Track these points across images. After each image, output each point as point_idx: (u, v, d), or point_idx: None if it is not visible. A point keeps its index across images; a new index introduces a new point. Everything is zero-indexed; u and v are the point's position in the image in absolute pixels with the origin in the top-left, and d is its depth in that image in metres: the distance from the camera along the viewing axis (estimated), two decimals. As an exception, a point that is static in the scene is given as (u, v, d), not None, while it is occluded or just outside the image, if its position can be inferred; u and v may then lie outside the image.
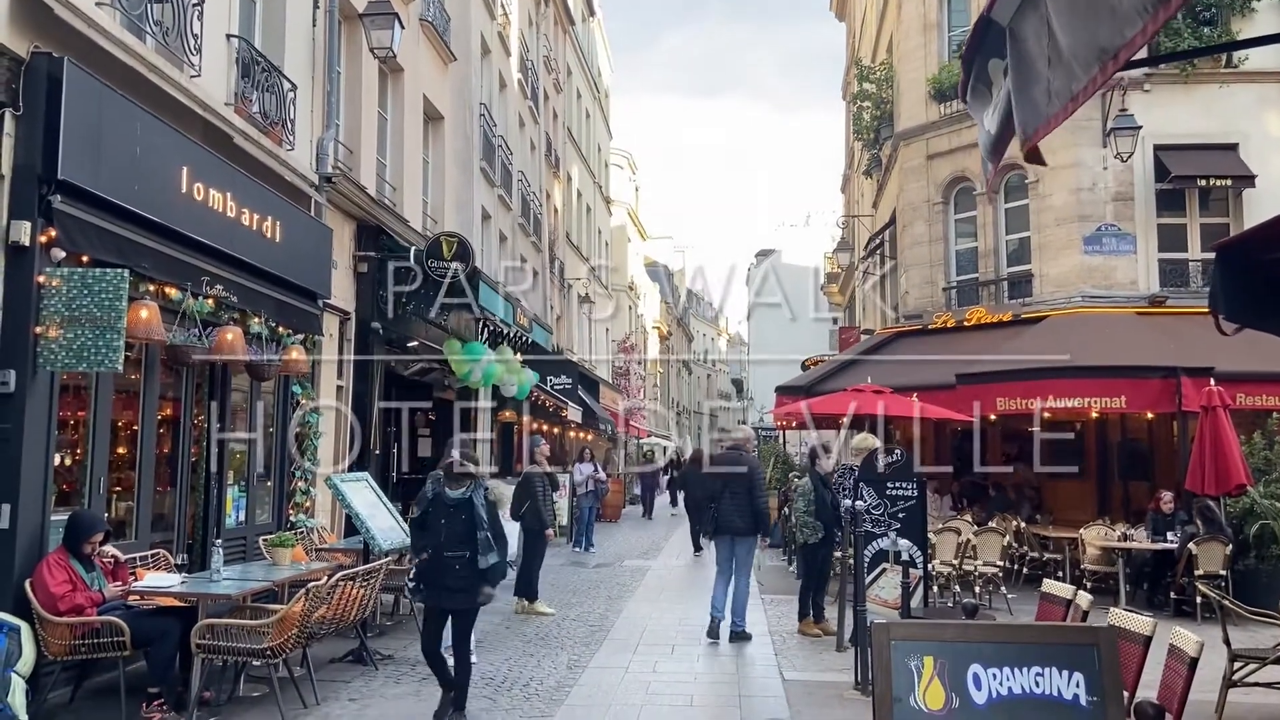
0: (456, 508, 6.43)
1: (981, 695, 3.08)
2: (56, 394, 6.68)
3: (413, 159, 14.71)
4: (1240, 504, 11.36)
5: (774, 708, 7.00)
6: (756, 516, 9.44)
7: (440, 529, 6.41)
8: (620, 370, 40.40)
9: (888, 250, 21.97)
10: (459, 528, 6.39)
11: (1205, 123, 15.38)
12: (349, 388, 12.31)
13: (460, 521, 6.39)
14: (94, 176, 6.70)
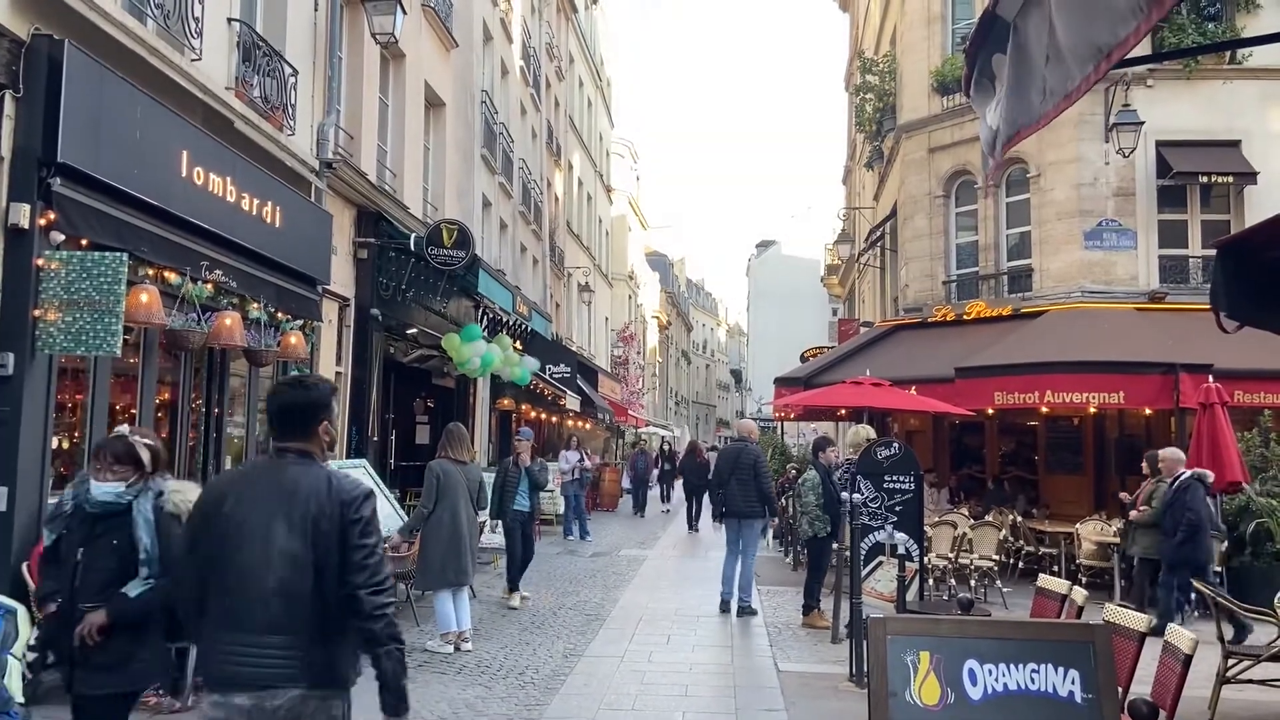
0: (102, 525, 3.91)
1: (977, 691, 3.09)
2: (55, 377, 6.67)
3: (414, 145, 14.67)
4: (1236, 501, 11.38)
5: (769, 699, 7.02)
6: (764, 500, 10.23)
7: (73, 564, 3.93)
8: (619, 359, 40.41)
9: (888, 243, 21.95)
10: (105, 560, 3.88)
11: (1208, 119, 15.34)
12: (348, 374, 12.30)
13: (109, 549, 3.89)
14: (94, 159, 6.68)
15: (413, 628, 9.04)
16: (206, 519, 3.11)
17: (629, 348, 41.58)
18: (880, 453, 8.33)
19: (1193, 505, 9.18)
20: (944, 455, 18.40)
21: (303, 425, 3.18)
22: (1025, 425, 17.52)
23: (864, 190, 28.81)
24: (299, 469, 3.11)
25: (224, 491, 3.14)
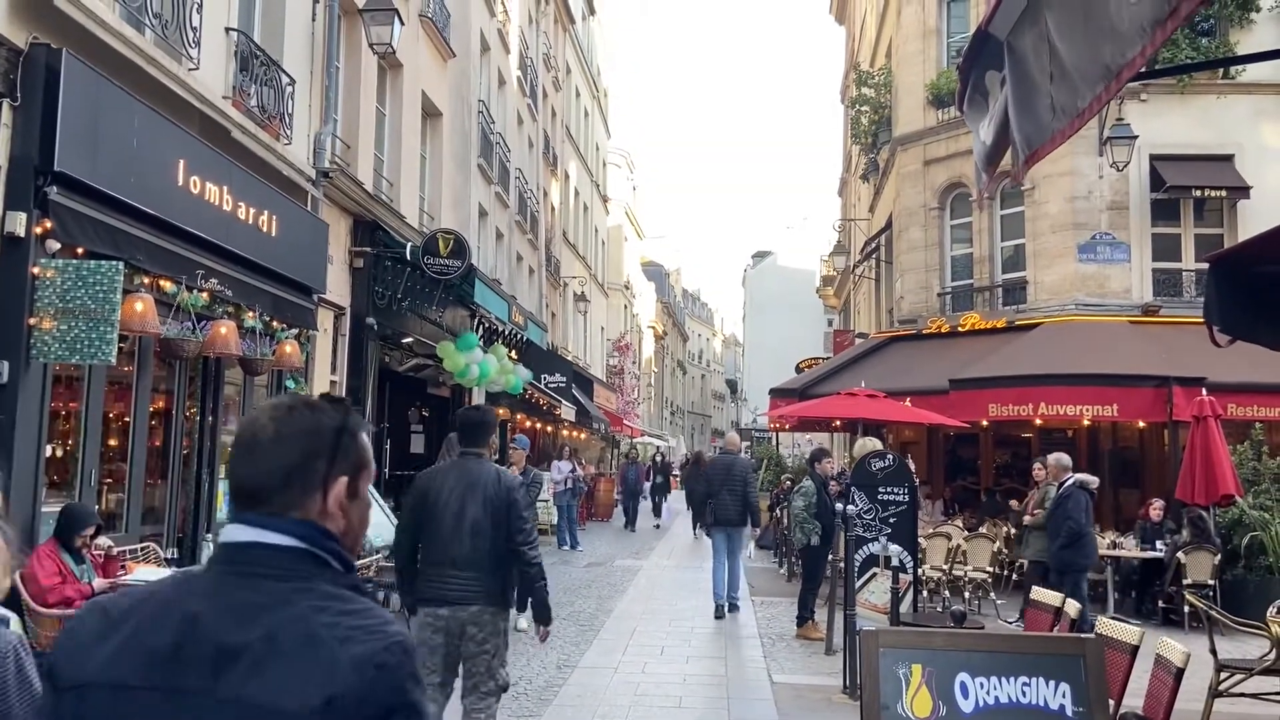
0: None
1: (969, 704, 3.09)
2: (49, 385, 6.67)
3: (410, 155, 14.70)
4: (1229, 514, 11.42)
5: (762, 711, 7.02)
6: (748, 509, 11.17)
7: None
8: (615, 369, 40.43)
9: (883, 254, 22.02)
10: None
11: (1201, 133, 15.43)
12: (342, 383, 12.30)
13: None
14: (90, 168, 6.68)
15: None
16: (422, 497, 4.70)
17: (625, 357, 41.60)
18: (874, 464, 8.33)
19: (1073, 512, 9.33)
20: (938, 467, 18.43)
21: (481, 437, 5.00)
22: (1019, 437, 17.56)
23: (859, 202, 28.90)
24: (478, 465, 4.85)
25: (430, 482, 4.80)
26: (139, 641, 1.36)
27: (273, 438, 1.45)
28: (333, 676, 1.29)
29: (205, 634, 1.34)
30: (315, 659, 1.30)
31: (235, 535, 1.44)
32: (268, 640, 1.31)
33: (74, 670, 1.38)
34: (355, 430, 1.51)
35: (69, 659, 1.39)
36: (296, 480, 1.44)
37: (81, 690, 1.36)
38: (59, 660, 1.40)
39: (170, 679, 1.32)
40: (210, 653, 1.32)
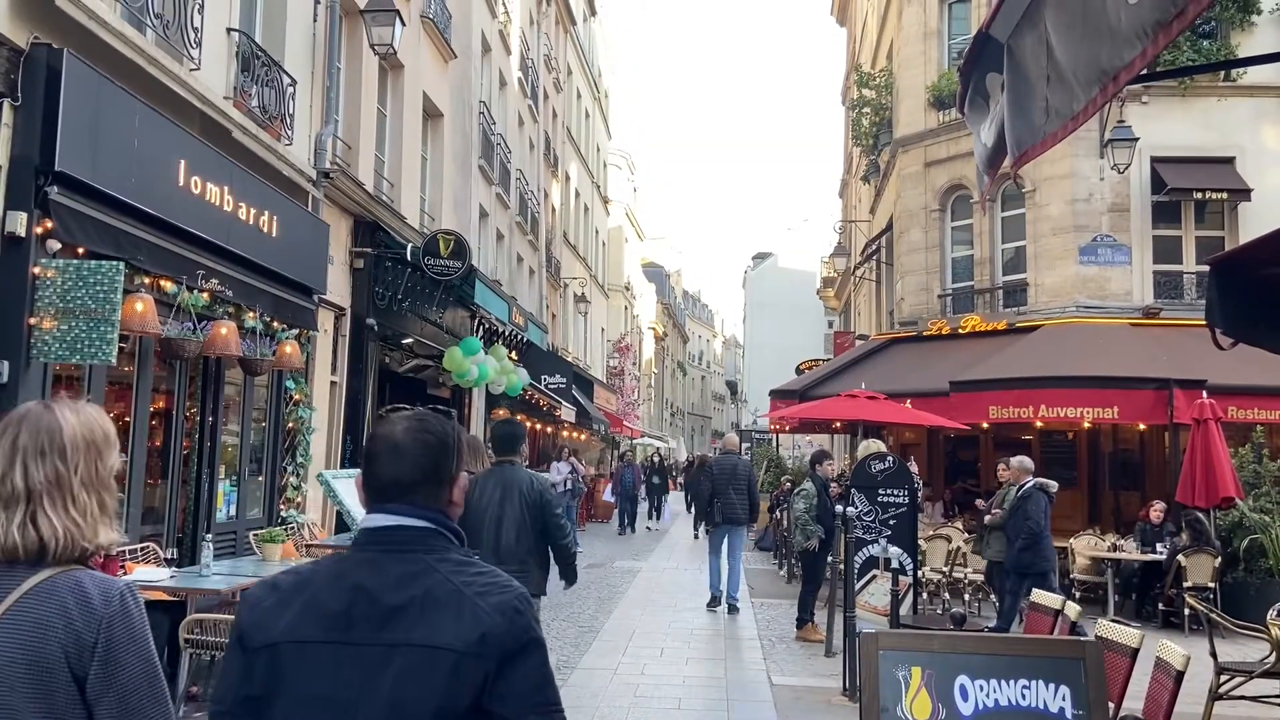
0: None
1: (968, 706, 3.09)
2: (50, 385, 6.67)
3: (411, 156, 14.70)
4: (1230, 517, 11.41)
5: (762, 712, 7.02)
6: (753, 508, 11.86)
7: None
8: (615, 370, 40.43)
9: (884, 256, 22.02)
10: None
11: (1202, 136, 15.43)
12: (343, 383, 12.30)
13: None
14: (91, 168, 6.68)
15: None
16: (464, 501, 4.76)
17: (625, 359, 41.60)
18: (874, 466, 8.33)
19: (1032, 513, 9.40)
20: (938, 469, 18.41)
21: (514, 447, 5.75)
22: (1020, 439, 17.53)
23: (860, 203, 28.90)
24: (512, 471, 5.60)
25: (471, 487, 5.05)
26: (316, 607, 1.73)
27: (413, 445, 1.83)
28: (481, 619, 1.69)
29: (372, 598, 1.72)
30: (465, 608, 1.70)
31: (380, 521, 1.81)
32: (425, 597, 1.71)
33: (263, 634, 1.73)
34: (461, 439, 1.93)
35: (256, 626, 1.74)
36: (432, 478, 1.84)
37: (273, 648, 1.71)
38: (247, 628, 1.75)
39: (344, 634, 1.70)
40: (377, 611, 1.70)
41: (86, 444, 1.87)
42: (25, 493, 1.78)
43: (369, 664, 1.68)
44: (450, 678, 1.66)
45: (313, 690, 1.69)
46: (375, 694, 1.67)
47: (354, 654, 1.69)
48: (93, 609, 1.75)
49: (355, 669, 1.68)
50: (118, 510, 1.96)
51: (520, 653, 1.70)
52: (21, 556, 1.76)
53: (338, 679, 1.69)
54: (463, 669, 1.66)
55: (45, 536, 1.77)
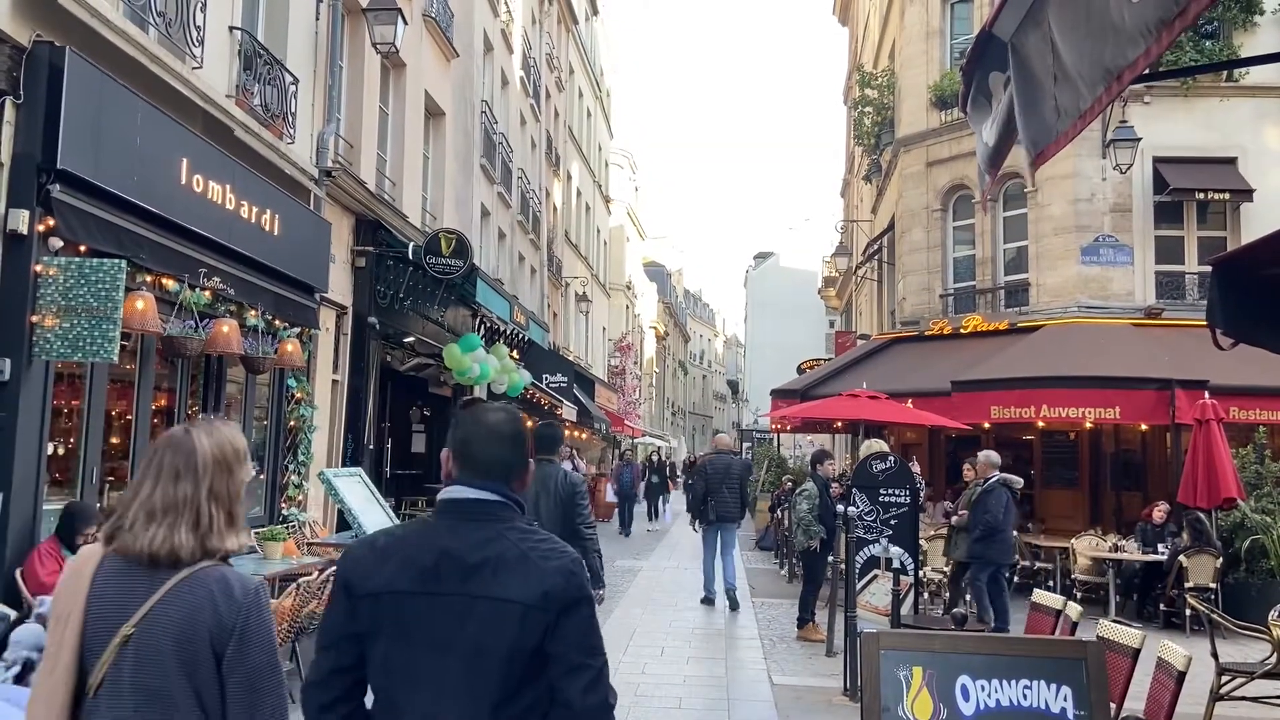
0: None
1: (969, 707, 3.08)
2: (51, 383, 6.67)
3: (413, 154, 14.70)
4: (1231, 518, 11.40)
5: (762, 712, 7.02)
6: (744, 505, 12.57)
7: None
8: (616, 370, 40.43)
9: (886, 256, 22.01)
10: None
11: (1205, 136, 15.42)
12: (344, 382, 12.30)
13: None
14: (93, 166, 6.69)
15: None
16: None
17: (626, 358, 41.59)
18: (876, 466, 8.33)
19: (992, 507, 9.61)
20: (940, 469, 18.40)
21: (554, 447, 6.26)
22: (1021, 439, 17.54)
23: (862, 203, 28.89)
24: (550, 467, 6.11)
25: None
26: (409, 564, 2.09)
27: (505, 435, 2.22)
28: (544, 579, 2.05)
29: (455, 557, 2.08)
30: (530, 568, 2.06)
31: (463, 494, 2.17)
32: (498, 559, 2.07)
33: (366, 584, 2.09)
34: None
35: (360, 578, 2.11)
36: (514, 462, 2.21)
37: (376, 597, 2.08)
38: (352, 578, 2.11)
39: (434, 586, 2.07)
40: (460, 568, 2.07)
41: (216, 463, 2.23)
42: (163, 510, 2.16)
43: (455, 612, 2.06)
44: (519, 625, 2.04)
45: (410, 632, 2.07)
46: (463, 636, 2.05)
47: (443, 603, 2.07)
48: (234, 599, 2.14)
49: (445, 615, 2.07)
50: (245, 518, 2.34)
51: (574, 606, 2.08)
52: (162, 562, 2.13)
53: (432, 623, 2.07)
54: (529, 619, 2.03)
55: (177, 547, 2.14)
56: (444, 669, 2.06)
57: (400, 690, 2.09)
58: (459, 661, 2.06)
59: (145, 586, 2.13)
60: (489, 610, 2.05)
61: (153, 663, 2.09)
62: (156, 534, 2.14)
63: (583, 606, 2.11)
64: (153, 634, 2.09)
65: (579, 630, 2.10)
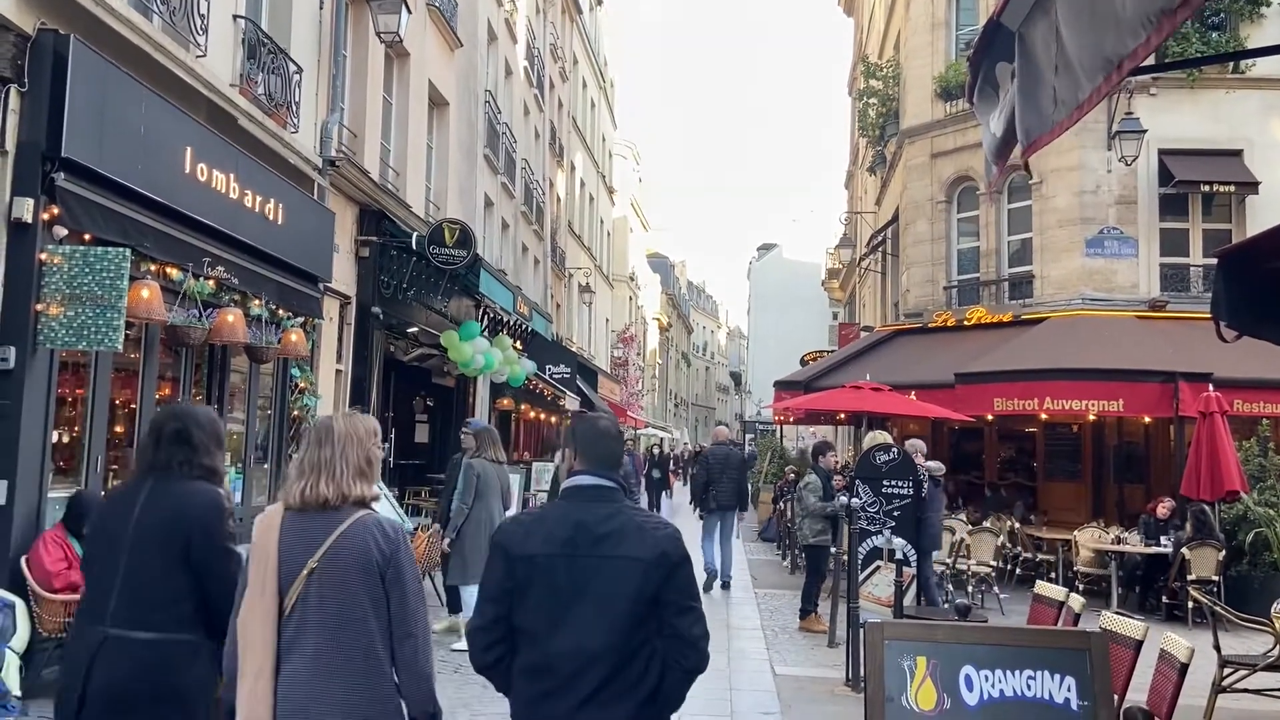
0: None
1: (973, 697, 3.09)
2: (56, 372, 6.68)
3: (416, 144, 14.69)
4: (1234, 510, 11.40)
5: (765, 702, 7.03)
6: (742, 495, 12.78)
7: None
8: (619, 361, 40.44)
9: (889, 247, 21.98)
10: None
11: (1211, 128, 15.37)
12: (348, 372, 12.31)
13: None
14: (98, 155, 6.69)
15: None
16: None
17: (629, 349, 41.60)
18: (879, 457, 8.34)
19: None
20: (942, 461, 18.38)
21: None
22: (1024, 432, 17.54)
23: (866, 195, 28.84)
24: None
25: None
26: (551, 534, 2.81)
27: (612, 435, 3.03)
28: (658, 544, 2.78)
29: (587, 528, 2.79)
30: (646, 536, 2.79)
31: (588, 481, 2.91)
32: (620, 529, 2.79)
33: (520, 548, 2.81)
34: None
35: (514, 545, 2.82)
36: (619, 457, 3.01)
37: (530, 559, 2.78)
38: (508, 545, 2.83)
39: (571, 550, 2.78)
40: (591, 536, 2.78)
41: (347, 437, 2.99)
42: (310, 468, 2.94)
43: (588, 569, 2.76)
44: (641, 578, 2.75)
45: (554, 583, 2.77)
46: (594, 586, 2.75)
47: (580, 563, 2.77)
48: (389, 537, 2.91)
49: (580, 572, 2.77)
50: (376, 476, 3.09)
51: (682, 564, 2.82)
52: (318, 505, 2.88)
53: (570, 577, 2.76)
54: (649, 573, 2.75)
55: (320, 494, 2.89)
56: (580, 611, 2.75)
57: (546, 628, 2.76)
58: (592, 605, 2.74)
59: (319, 532, 2.87)
60: (616, 567, 2.75)
61: (335, 587, 2.82)
62: (305, 485, 2.91)
63: (687, 564, 2.84)
64: (334, 566, 2.83)
65: (686, 581, 2.84)
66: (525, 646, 2.79)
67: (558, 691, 2.75)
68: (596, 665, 2.74)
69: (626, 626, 2.75)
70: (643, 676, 2.81)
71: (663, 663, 2.83)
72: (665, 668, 2.84)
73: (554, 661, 2.76)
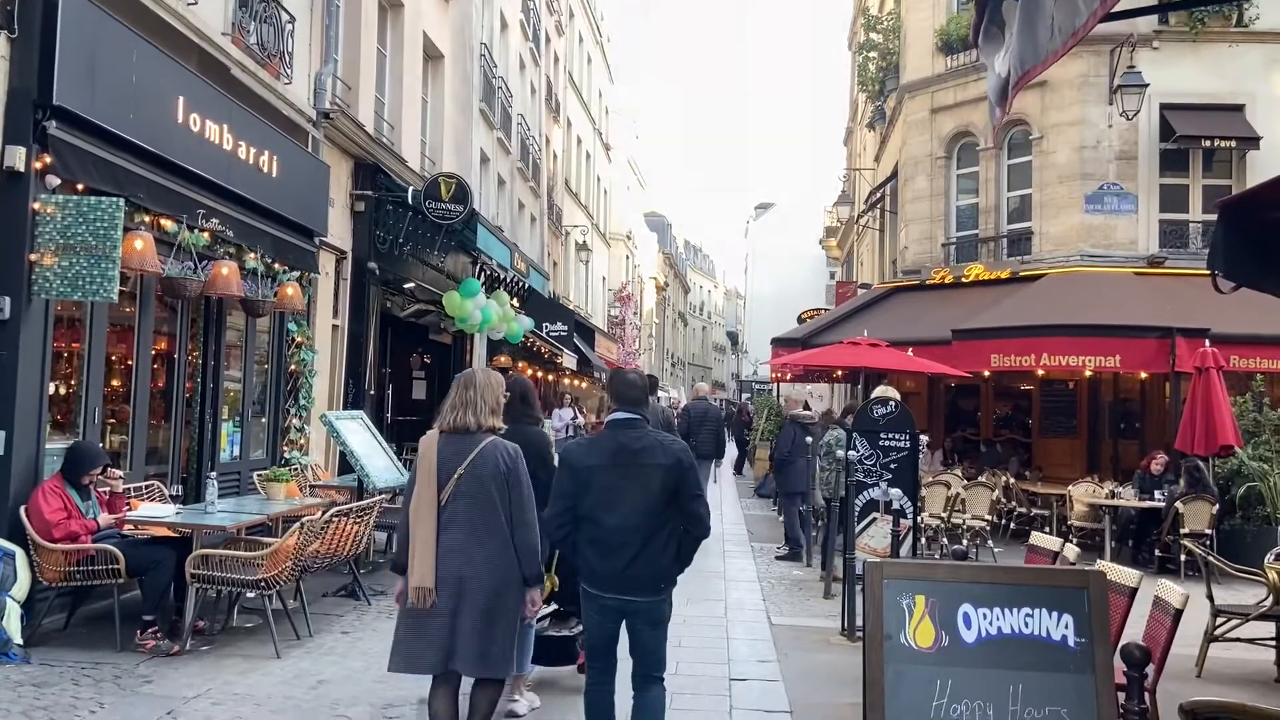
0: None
1: (971, 634, 3.11)
2: (51, 322, 6.66)
3: (411, 98, 14.52)
4: (1229, 465, 11.46)
5: (761, 650, 7.10)
6: (720, 445, 13.38)
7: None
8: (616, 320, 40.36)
9: (888, 204, 21.86)
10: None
11: (1213, 82, 15.23)
12: (344, 327, 12.28)
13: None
14: (89, 103, 6.61)
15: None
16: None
17: (626, 308, 41.50)
18: (876, 410, 8.33)
19: (780, 442, 11.64)
20: (939, 418, 18.47)
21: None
22: (1020, 389, 17.59)
23: (865, 151, 28.64)
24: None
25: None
26: (602, 451, 4.21)
27: (639, 385, 4.35)
28: (674, 454, 4.19)
29: (626, 447, 4.18)
30: (666, 449, 4.20)
31: (621, 416, 4.28)
32: (648, 446, 4.18)
33: (581, 462, 4.20)
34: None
35: (578, 459, 4.22)
36: (645, 399, 4.37)
37: (589, 469, 4.17)
38: (574, 460, 4.22)
39: (616, 461, 4.16)
40: (630, 451, 4.16)
41: (484, 384, 4.34)
42: (460, 405, 4.25)
43: (628, 473, 4.13)
44: (664, 476, 4.11)
45: (605, 485, 4.14)
46: (633, 484, 4.12)
47: (623, 470, 4.14)
48: (510, 454, 4.22)
49: (623, 475, 4.14)
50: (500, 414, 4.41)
51: (690, 467, 4.21)
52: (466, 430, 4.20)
53: (616, 480, 4.13)
54: (670, 473, 4.12)
55: (467, 422, 4.21)
56: (624, 501, 4.13)
57: (601, 513, 4.15)
58: (631, 497, 4.13)
59: (464, 448, 4.18)
60: (647, 471, 4.14)
61: (476, 486, 4.15)
62: (456, 416, 4.25)
63: (695, 467, 4.31)
64: (475, 472, 4.15)
65: (694, 478, 4.25)
66: (587, 526, 4.17)
67: (611, 555, 4.13)
68: (636, 536, 4.10)
69: (655, 510, 4.12)
70: (667, 544, 4.17)
71: (680, 534, 4.20)
72: (681, 537, 4.21)
73: (608, 535, 4.13)
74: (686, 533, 4.16)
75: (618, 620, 4.23)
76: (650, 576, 4.14)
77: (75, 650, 6.15)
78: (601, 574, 4.14)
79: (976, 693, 3.04)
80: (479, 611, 4.06)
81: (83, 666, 5.84)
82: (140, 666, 5.92)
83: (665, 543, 4.12)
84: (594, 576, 4.19)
